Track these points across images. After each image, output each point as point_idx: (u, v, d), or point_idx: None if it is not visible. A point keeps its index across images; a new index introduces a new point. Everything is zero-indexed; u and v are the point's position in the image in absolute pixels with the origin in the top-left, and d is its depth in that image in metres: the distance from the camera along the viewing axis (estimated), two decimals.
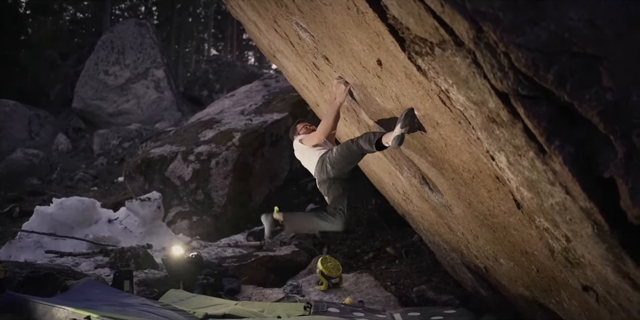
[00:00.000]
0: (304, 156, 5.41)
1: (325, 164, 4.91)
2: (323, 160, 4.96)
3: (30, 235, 9.56)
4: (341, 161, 4.76)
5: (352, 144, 4.58)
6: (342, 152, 4.71)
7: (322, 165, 4.98)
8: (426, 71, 3.05)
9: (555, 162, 2.41)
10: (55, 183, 20.00)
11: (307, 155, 5.31)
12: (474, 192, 4.08)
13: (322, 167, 4.97)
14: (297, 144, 5.45)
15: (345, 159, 4.73)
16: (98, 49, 31.60)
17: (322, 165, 4.98)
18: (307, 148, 5.27)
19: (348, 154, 4.67)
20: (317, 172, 5.10)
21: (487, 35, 2.31)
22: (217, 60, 39.88)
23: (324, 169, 4.94)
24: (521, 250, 4.12)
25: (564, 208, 2.67)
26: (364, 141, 4.43)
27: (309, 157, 5.28)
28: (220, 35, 53.16)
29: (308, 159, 5.31)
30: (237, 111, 15.13)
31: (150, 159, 12.98)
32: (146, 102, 30.34)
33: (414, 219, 8.02)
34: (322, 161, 4.99)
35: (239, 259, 8.95)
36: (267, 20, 6.14)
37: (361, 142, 4.47)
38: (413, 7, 2.62)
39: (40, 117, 28.44)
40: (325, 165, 4.92)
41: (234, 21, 34.96)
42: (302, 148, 5.35)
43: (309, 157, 5.27)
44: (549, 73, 2.28)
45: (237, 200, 12.40)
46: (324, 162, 4.93)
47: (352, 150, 4.60)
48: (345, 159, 4.73)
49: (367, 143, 4.38)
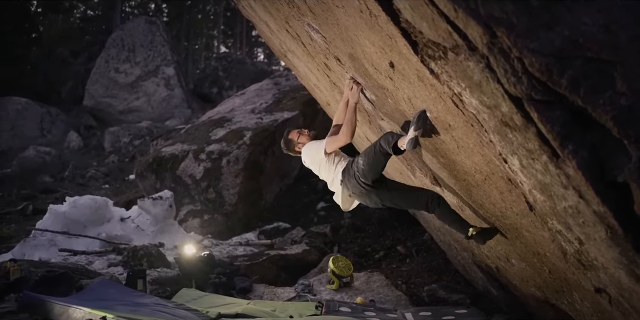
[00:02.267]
0: (320, 167, 5.03)
1: (356, 177, 4.56)
2: (351, 173, 4.63)
3: (44, 233, 9.63)
4: (371, 169, 4.50)
5: (374, 148, 4.40)
6: (368, 159, 4.41)
7: (353, 179, 4.61)
8: (439, 74, 3.05)
9: (569, 166, 2.41)
10: (67, 181, 20.14)
11: (324, 166, 4.96)
12: (485, 193, 4.08)
13: (355, 181, 4.59)
14: (314, 152, 5.03)
15: (373, 164, 4.44)
16: (108, 46, 31.75)
17: (353, 179, 4.61)
18: (323, 159, 4.90)
19: (374, 158, 4.41)
20: (351, 186, 4.80)
21: (501, 40, 2.31)
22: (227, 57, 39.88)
23: (358, 183, 4.56)
24: (533, 251, 4.12)
25: (577, 211, 2.68)
26: (385, 143, 4.33)
27: (327, 168, 4.94)
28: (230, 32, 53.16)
29: (326, 170, 4.97)
30: (247, 110, 15.16)
31: (161, 157, 13.04)
32: (156, 99, 30.46)
33: (424, 218, 8.02)
34: (349, 175, 4.66)
35: (251, 258, 8.98)
36: (278, 20, 6.15)
37: (382, 143, 4.34)
38: (426, 12, 2.62)
39: (51, 114, 28.64)
40: (356, 179, 4.56)
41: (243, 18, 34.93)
42: (320, 159, 4.96)
43: (327, 169, 4.94)
44: (562, 78, 2.28)
45: (248, 199, 12.45)
46: (354, 176, 4.58)
47: (377, 155, 4.38)
48: (373, 164, 4.44)
49: (385, 144, 4.30)
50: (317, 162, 5.04)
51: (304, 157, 5.20)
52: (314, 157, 5.04)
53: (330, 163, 4.92)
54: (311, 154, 5.07)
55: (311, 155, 5.07)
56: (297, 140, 5.20)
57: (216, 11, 49.41)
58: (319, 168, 5.07)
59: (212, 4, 48.30)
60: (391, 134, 4.31)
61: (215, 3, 47.79)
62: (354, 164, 4.60)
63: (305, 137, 5.19)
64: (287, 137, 5.30)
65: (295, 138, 5.23)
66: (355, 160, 4.60)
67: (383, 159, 4.43)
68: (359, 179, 4.52)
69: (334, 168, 4.89)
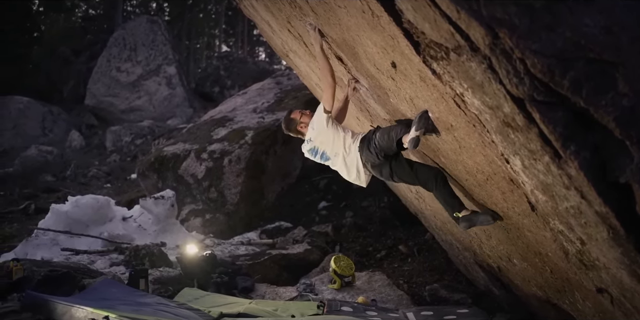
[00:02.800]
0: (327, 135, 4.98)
1: (374, 148, 4.61)
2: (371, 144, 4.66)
3: (46, 233, 9.65)
4: (385, 146, 4.58)
5: (390, 132, 4.45)
6: (383, 137, 4.46)
7: (371, 149, 4.65)
8: (441, 75, 3.06)
9: (571, 167, 2.42)
10: (69, 180, 20.15)
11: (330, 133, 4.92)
12: (487, 193, 4.09)
13: (372, 151, 4.65)
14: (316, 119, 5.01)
15: (386, 145, 4.51)
16: (110, 45, 31.82)
17: (371, 149, 4.65)
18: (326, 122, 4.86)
19: (388, 142, 4.47)
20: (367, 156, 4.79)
21: (503, 41, 2.32)
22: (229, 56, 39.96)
23: (373, 153, 4.63)
24: (535, 251, 4.13)
25: (579, 212, 2.68)
26: (395, 133, 4.36)
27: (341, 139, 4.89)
28: (231, 31, 53.23)
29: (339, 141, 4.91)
30: (249, 109, 15.17)
31: (163, 157, 13.06)
32: (158, 98, 30.53)
33: (426, 217, 8.02)
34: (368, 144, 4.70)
35: (252, 257, 8.99)
36: (280, 20, 6.15)
37: (393, 133, 4.39)
38: (429, 13, 2.62)
39: (53, 113, 28.67)
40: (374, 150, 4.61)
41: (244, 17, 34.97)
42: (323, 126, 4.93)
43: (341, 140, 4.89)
44: (564, 79, 2.28)
45: (250, 198, 12.46)
46: (373, 147, 4.63)
47: (391, 139, 4.44)
48: (386, 145, 4.51)
49: (395, 136, 4.33)
50: (322, 130, 4.97)
51: (309, 133, 5.13)
52: (319, 126, 4.99)
53: (335, 129, 4.92)
54: (315, 122, 5.02)
55: (316, 123, 5.02)
56: (300, 120, 5.17)
57: (218, 10, 49.47)
58: (326, 138, 5.00)
59: (213, 3, 48.36)
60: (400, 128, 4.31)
61: (217, 2, 47.85)
62: (373, 136, 4.64)
63: (307, 117, 5.15)
64: (289, 116, 5.28)
65: (297, 117, 5.20)
66: (375, 133, 4.64)
67: (393, 144, 4.45)
68: (376, 150, 4.58)
69: (345, 135, 4.89)
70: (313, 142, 5.11)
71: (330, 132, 4.93)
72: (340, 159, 4.99)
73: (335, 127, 4.91)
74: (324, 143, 5.03)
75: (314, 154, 5.17)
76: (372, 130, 4.78)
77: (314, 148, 5.13)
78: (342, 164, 4.99)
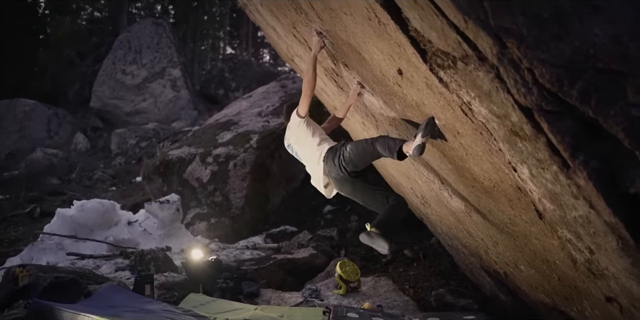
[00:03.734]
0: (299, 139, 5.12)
1: (340, 160, 4.65)
2: (336, 155, 4.70)
3: (51, 237, 9.67)
4: (356, 160, 4.61)
5: (367, 144, 4.47)
6: (358, 151, 4.51)
7: (336, 161, 4.69)
8: (448, 83, 3.04)
9: (580, 177, 2.39)
10: (75, 183, 20.20)
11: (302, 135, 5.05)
12: (494, 200, 4.07)
13: (335, 163, 4.70)
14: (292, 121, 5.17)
15: (360, 158, 4.59)
16: (115, 48, 31.92)
17: (336, 161, 4.69)
18: (308, 133, 4.99)
19: (363, 153, 4.52)
20: (331, 168, 4.84)
21: (511, 51, 2.30)
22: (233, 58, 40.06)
23: (339, 166, 4.67)
24: (542, 258, 4.10)
25: (587, 221, 2.66)
26: (383, 147, 4.35)
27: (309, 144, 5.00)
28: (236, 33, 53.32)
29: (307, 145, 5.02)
30: (254, 113, 15.18)
31: (168, 160, 13.07)
32: (163, 101, 30.59)
33: (432, 222, 8.00)
34: (334, 155, 4.73)
35: (258, 262, 8.98)
36: (285, 26, 6.15)
37: (379, 147, 4.38)
38: (435, 22, 2.61)
39: (59, 116, 28.80)
40: (340, 163, 4.66)
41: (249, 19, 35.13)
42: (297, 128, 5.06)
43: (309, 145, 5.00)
44: (573, 89, 2.26)
45: (255, 202, 12.46)
46: (338, 159, 4.66)
47: (367, 151, 4.47)
48: (361, 158, 4.59)
49: (386, 150, 4.31)
50: (294, 131, 5.13)
51: (287, 131, 5.31)
52: (292, 127, 5.17)
53: (307, 132, 5.01)
54: (290, 123, 5.20)
55: (291, 124, 5.20)
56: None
57: (222, 12, 49.56)
58: (297, 139, 5.16)
59: (218, 5, 48.41)
60: (392, 140, 4.32)
61: (222, 4, 47.93)
62: (342, 148, 4.68)
63: None
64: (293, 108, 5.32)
65: None
66: (345, 145, 4.69)
67: (370, 158, 4.59)
68: (342, 163, 4.63)
69: (313, 140, 4.98)
70: (288, 140, 5.30)
71: (301, 135, 5.07)
72: (307, 162, 5.16)
73: (307, 131, 5.01)
74: (297, 143, 5.21)
75: (291, 151, 5.36)
76: (342, 142, 4.83)
77: (289, 145, 5.33)
78: (309, 168, 5.17)
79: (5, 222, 14.12)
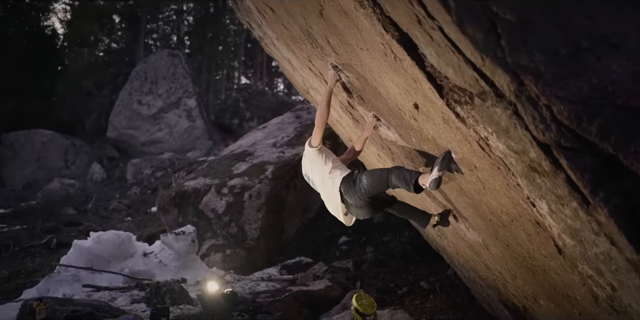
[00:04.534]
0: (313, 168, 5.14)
1: (359, 192, 4.67)
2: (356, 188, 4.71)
3: (68, 269, 9.69)
4: (372, 191, 4.64)
5: (383, 175, 4.49)
6: (373, 182, 4.55)
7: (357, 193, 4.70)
8: (465, 118, 3.04)
9: (600, 213, 2.37)
10: (91, 213, 20.29)
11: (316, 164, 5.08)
12: (512, 234, 4.03)
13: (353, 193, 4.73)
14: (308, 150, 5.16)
15: (376, 189, 4.61)
16: (132, 79, 32.38)
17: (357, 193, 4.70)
18: (321, 161, 5.02)
19: (379, 185, 4.54)
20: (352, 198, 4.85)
21: (529, 88, 2.30)
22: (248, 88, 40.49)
23: (354, 196, 4.71)
24: (562, 293, 4.03)
25: (609, 258, 2.62)
26: (399, 179, 4.35)
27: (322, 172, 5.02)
28: (250, 62, 53.96)
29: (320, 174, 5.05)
30: (269, 143, 15.24)
31: (184, 191, 13.10)
32: (178, 131, 30.87)
33: (448, 254, 7.92)
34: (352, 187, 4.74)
35: (273, 294, 8.92)
36: (301, 59, 6.21)
37: (394, 178, 4.39)
38: (452, 58, 2.63)
39: (76, 146, 29.14)
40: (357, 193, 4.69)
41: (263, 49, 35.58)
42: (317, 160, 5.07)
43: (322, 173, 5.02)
44: (592, 125, 2.25)
45: (270, 233, 12.42)
46: (358, 190, 4.68)
47: (383, 183, 4.51)
48: (376, 189, 4.61)
49: (402, 182, 4.31)
50: (309, 160, 5.16)
51: (303, 160, 5.31)
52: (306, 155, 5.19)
53: (321, 161, 5.03)
54: (305, 152, 5.22)
55: (305, 152, 5.22)
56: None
57: (237, 42, 50.19)
58: (311, 167, 5.17)
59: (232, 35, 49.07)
60: (409, 172, 4.31)
61: (236, 34, 48.58)
62: (357, 180, 4.69)
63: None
64: None
65: None
66: (359, 176, 4.69)
67: (386, 188, 4.58)
68: (359, 194, 4.68)
69: (325, 168, 4.99)
70: (305, 170, 5.32)
71: (315, 163, 5.08)
72: (321, 191, 5.14)
73: (320, 159, 5.03)
74: (311, 171, 5.21)
75: (308, 180, 5.34)
76: (354, 171, 4.84)
77: (306, 174, 5.33)
78: (324, 197, 5.14)
79: (23, 252, 14.18)
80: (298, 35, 5.49)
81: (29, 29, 38.47)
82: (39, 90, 34.57)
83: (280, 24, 5.86)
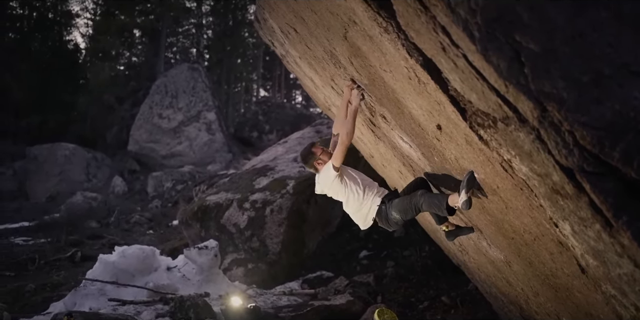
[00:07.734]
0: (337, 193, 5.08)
1: (390, 220, 4.84)
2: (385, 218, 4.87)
3: (94, 283, 9.81)
4: (405, 219, 4.78)
5: (412, 206, 4.56)
6: (406, 214, 4.69)
7: (386, 222, 4.89)
8: (488, 141, 3.10)
9: (624, 236, 2.41)
10: (113, 226, 20.48)
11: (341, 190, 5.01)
12: (535, 252, 4.06)
13: (386, 222, 4.89)
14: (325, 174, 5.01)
15: (406, 217, 4.75)
16: (152, 93, 32.75)
17: (386, 222, 4.89)
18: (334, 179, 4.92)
19: (410, 213, 4.69)
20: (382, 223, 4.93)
21: (552, 114, 2.36)
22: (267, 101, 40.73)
23: (389, 222, 4.87)
24: (585, 312, 4.05)
25: (632, 279, 2.66)
26: (429, 206, 4.44)
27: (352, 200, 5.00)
28: (269, 75, 54.31)
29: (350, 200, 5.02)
30: (290, 158, 15.30)
31: (206, 206, 13.21)
32: (198, 144, 31.12)
33: (469, 269, 7.92)
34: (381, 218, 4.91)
35: (295, 309, 8.94)
36: (324, 78, 6.30)
37: (425, 206, 4.48)
38: (476, 85, 2.70)
39: (97, 159, 29.50)
40: (389, 221, 4.85)
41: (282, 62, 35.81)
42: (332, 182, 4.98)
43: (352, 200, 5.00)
44: (615, 151, 2.30)
45: (291, 248, 12.47)
46: (389, 222, 4.87)
47: (414, 212, 4.62)
48: (407, 217, 4.75)
49: (434, 208, 4.40)
50: (329, 186, 5.06)
51: (317, 180, 5.21)
52: (324, 182, 5.08)
53: (342, 186, 4.98)
54: (322, 177, 5.10)
55: (322, 179, 5.10)
56: (319, 156, 5.11)
57: (255, 55, 50.59)
58: (333, 192, 5.13)
59: (251, 48, 49.48)
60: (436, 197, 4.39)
61: (255, 47, 48.98)
62: (388, 214, 4.82)
63: (326, 156, 5.09)
64: (310, 149, 5.19)
65: (317, 153, 5.13)
66: (388, 211, 4.81)
67: (415, 213, 4.68)
68: (396, 224, 4.90)
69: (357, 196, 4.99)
70: (322, 192, 5.24)
71: (336, 189, 5.05)
72: (350, 212, 5.17)
73: (342, 185, 4.98)
74: (335, 195, 5.17)
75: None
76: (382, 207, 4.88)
77: (322, 191, 5.23)
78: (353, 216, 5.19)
79: (48, 266, 14.34)
80: (321, 56, 5.58)
81: (51, 44, 39.27)
82: (61, 105, 35.21)
83: (304, 44, 5.96)
